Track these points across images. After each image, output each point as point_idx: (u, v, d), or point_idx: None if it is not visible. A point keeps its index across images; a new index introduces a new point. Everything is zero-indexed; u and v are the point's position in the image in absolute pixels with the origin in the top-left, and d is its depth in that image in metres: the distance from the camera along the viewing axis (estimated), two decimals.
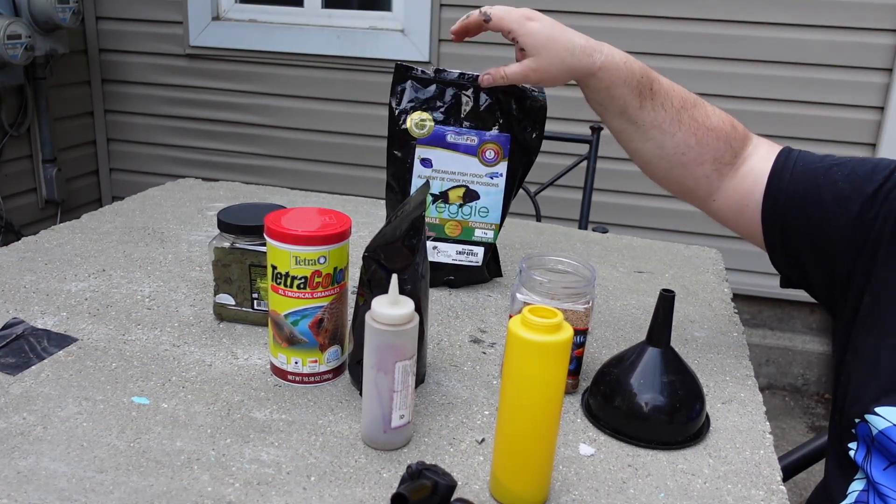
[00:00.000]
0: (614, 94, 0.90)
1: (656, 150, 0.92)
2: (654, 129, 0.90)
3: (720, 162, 0.91)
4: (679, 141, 0.90)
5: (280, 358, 0.86)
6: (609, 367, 0.85)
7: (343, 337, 0.88)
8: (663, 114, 0.90)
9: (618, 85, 0.89)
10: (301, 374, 0.86)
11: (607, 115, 0.93)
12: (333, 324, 0.85)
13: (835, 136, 2.55)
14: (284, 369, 0.86)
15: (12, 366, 0.87)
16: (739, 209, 0.91)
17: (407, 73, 1.11)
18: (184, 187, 1.61)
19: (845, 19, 2.45)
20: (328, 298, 0.83)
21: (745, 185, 0.90)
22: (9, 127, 2.80)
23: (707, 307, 1.17)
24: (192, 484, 0.69)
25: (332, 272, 0.82)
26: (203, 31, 3.01)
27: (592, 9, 2.60)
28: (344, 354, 0.89)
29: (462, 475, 0.73)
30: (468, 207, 1.13)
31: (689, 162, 0.91)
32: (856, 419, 0.81)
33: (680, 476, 0.75)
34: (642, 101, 0.90)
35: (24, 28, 2.57)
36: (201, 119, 3.14)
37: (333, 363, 0.87)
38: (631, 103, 0.90)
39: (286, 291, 0.82)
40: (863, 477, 0.81)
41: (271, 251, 0.82)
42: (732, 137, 0.91)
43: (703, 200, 0.94)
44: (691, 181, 0.92)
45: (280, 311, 0.83)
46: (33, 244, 1.23)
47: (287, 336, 0.84)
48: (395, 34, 2.84)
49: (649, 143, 0.91)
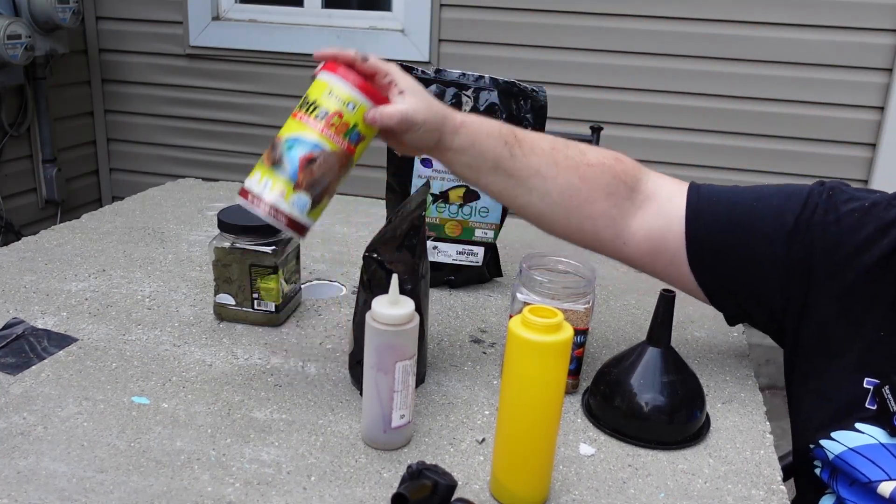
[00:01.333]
0: (481, 148, 0.83)
1: (543, 199, 0.85)
2: (533, 176, 0.84)
3: (615, 197, 0.86)
4: (562, 183, 0.85)
5: (254, 177, 0.79)
6: (609, 367, 0.85)
7: (320, 203, 0.80)
8: (536, 159, 0.84)
9: (482, 138, 0.83)
10: (260, 199, 0.78)
11: (481, 175, 0.85)
12: (320, 175, 0.78)
13: (835, 136, 2.55)
14: (250, 190, 0.79)
15: (12, 366, 0.87)
16: (655, 252, 0.87)
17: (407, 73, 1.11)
18: (184, 187, 1.61)
19: (845, 19, 2.44)
20: (333, 146, 0.78)
21: (658, 227, 0.86)
22: (9, 127, 2.80)
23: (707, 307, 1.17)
24: (193, 484, 0.69)
25: (351, 125, 0.78)
26: (203, 31, 3.01)
27: (592, 9, 2.60)
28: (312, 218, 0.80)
29: (462, 475, 0.73)
30: (468, 207, 1.13)
31: (582, 203, 0.85)
32: (810, 445, 0.81)
33: (680, 476, 0.75)
34: (511, 150, 0.84)
35: (24, 28, 2.57)
36: (201, 119, 3.14)
37: (294, 211, 0.78)
38: (501, 154, 0.83)
39: (302, 116, 0.79)
40: (832, 492, 0.82)
41: (313, 84, 0.80)
42: (619, 171, 0.86)
43: (613, 245, 0.89)
44: (590, 224, 0.87)
45: (283, 135, 0.79)
46: (33, 244, 1.23)
47: (276, 156, 0.78)
48: (395, 34, 2.84)
49: (533, 193, 0.85)
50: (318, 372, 0.90)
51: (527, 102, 1.10)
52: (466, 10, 2.73)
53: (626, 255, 0.90)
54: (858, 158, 2.56)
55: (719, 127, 2.58)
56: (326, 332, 1.00)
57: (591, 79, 2.63)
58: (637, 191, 0.87)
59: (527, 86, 1.10)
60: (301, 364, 0.91)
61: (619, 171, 0.86)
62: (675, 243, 0.85)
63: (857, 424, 0.77)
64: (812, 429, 0.81)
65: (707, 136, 2.60)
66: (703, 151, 2.61)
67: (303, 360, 0.93)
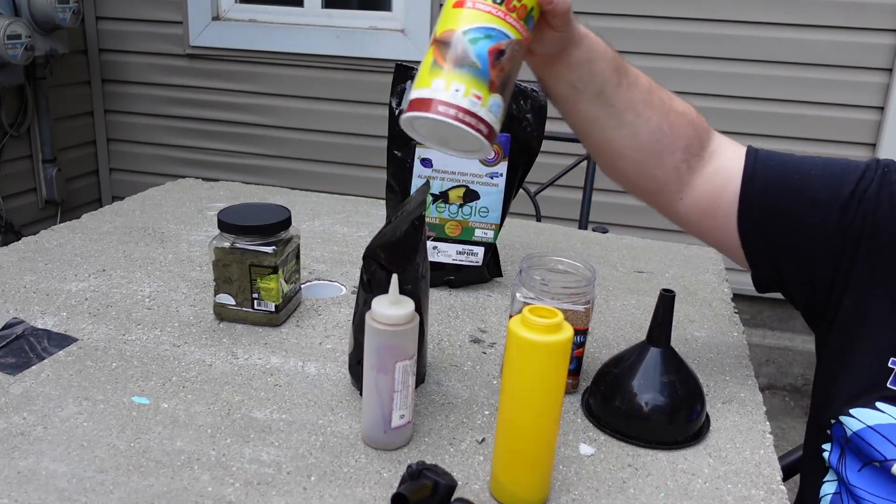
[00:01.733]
0: (594, 69, 0.78)
1: (631, 138, 0.82)
2: (630, 111, 0.81)
3: (689, 152, 0.84)
4: (654, 126, 0.82)
5: (435, 84, 0.65)
6: (609, 367, 0.85)
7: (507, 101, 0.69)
8: (637, 93, 0.81)
9: (599, 57, 0.78)
10: (458, 107, 0.65)
11: (581, 99, 0.80)
12: (510, 68, 0.67)
13: (835, 136, 2.55)
14: (435, 98, 0.65)
15: (12, 366, 0.87)
16: (709, 211, 0.86)
17: (407, 73, 1.11)
18: (184, 187, 1.61)
19: (845, 19, 2.45)
20: (516, 34, 0.67)
21: (715, 184, 0.85)
22: (9, 127, 2.80)
23: (707, 307, 1.17)
24: (193, 484, 0.69)
25: (529, 9, 0.68)
26: (203, 31, 3.01)
27: (593, 9, 2.60)
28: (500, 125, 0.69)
29: (462, 475, 0.73)
30: (468, 207, 1.13)
31: (663, 150, 0.83)
32: (831, 420, 0.81)
33: (680, 476, 0.75)
34: (619, 78, 0.80)
35: (24, 28, 2.57)
36: (201, 119, 3.14)
37: (493, 117, 0.67)
38: (610, 80, 0.79)
39: (476, 3, 0.66)
40: (834, 479, 0.82)
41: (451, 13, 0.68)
42: (698, 125, 0.85)
43: (671, 199, 0.87)
44: (662, 175, 0.85)
45: (458, 27, 0.66)
46: (33, 244, 1.23)
47: (458, 55, 0.65)
48: (395, 34, 2.84)
49: (624, 129, 0.82)
50: (318, 372, 0.90)
51: (527, 102, 1.10)
52: None
53: (676, 211, 0.88)
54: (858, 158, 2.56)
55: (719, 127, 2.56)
56: (326, 332, 1.00)
57: None
58: (706, 147, 0.86)
59: (527, 86, 1.10)
60: (301, 364, 0.91)
61: (697, 125, 0.85)
62: (728, 202, 0.84)
63: (877, 403, 0.77)
64: (834, 405, 0.80)
65: None
66: None
67: (303, 360, 0.93)
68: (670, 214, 0.90)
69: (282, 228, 0.97)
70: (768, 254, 0.85)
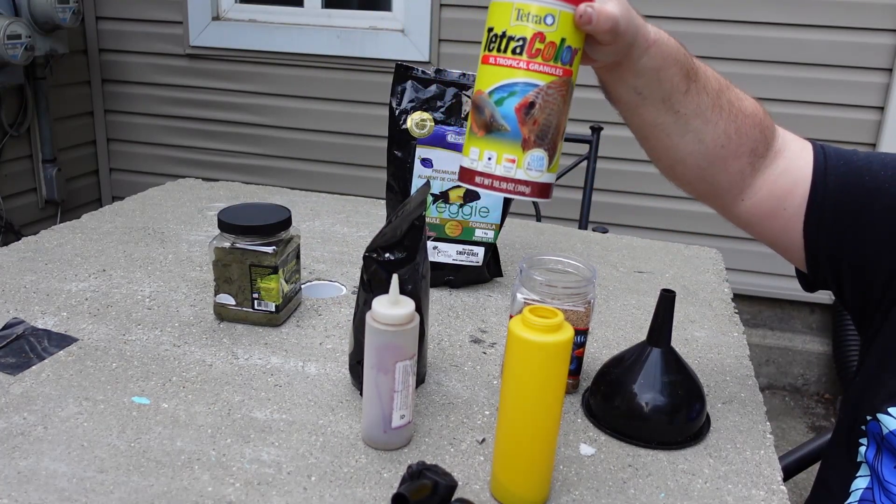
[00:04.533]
0: (662, 76, 0.74)
1: (695, 144, 0.78)
2: (697, 117, 0.77)
3: (755, 154, 0.80)
4: (720, 131, 0.78)
5: (472, 154, 0.67)
6: (609, 367, 0.85)
7: (556, 144, 0.67)
8: (706, 99, 0.77)
9: (669, 64, 0.74)
10: (492, 176, 0.66)
11: (645, 105, 0.76)
12: (546, 116, 0.66)
13: (835, 136, 2.55)
14: (473, 169, 0.67)
15: (12, 366, 0.87)
16: (773, 212, 0.82)
17: (407, 73, 1.11)
18: (184, 187, 1.61)
19: (845, 19, 2.44)
20: (546, 78, 0.65)
21: (782, 186, 0.81)
22: (9, 127, 2.80)
23: (707, 307, 1.17)
24: (193, 484, 0.69)
25: (559, 43, 0.64)
26: (203, 31, 3.01)
27: None
28: (553, 172, 0.68)
29: (462, 475, 0.73)
30: (468, 207, 1.13)
31: (728, 155, 0.79)
32: (867, 416, 0.80)
33: (680, 476, 0.75)
34: (688, 83, 0.76)
35: (24, 28, 2.57)
36: (201, 119, 3.14)
37: (534, 173, 0.66)
38: (678, 87, 0.75)
39: (497, 58, 0.65)
40: (867, 474, 0.81)
41: (492, 10, 0.67)
42: (766, 126, 0.81)
43: (732, 201, 0.84)
44: (725, 179, 0.81)
45: (485, 87, 0.66)
46: (33, 244, 1.23)
47: (486, 120, 0.66)
48: (395, 34, 2.84)
49: (688, 135, 0.78)
50: (318, 372, 0.90)
51: None
52: (466, 10, 2.73)
53: (738, 212, 0.84)
54: None
55: None
56: (326, 332, 1.00)
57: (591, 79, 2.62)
58: (771, 147, 0.82)
59: None
60: (301, 364, 0.91)
61: (765, 125, 0.81)
62: (795, 203, 0.81)
63: None
64: (872, 403, 0.80)
65: None
66: None
67: (303, 360, 0.93)
68: (729, 216, 0.86)
69: (282, 228, 0.97)
70: (832, 254, 0.82)
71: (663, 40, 0.73)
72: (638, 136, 0.82)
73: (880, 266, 0.79)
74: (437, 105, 1.10)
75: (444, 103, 1.10)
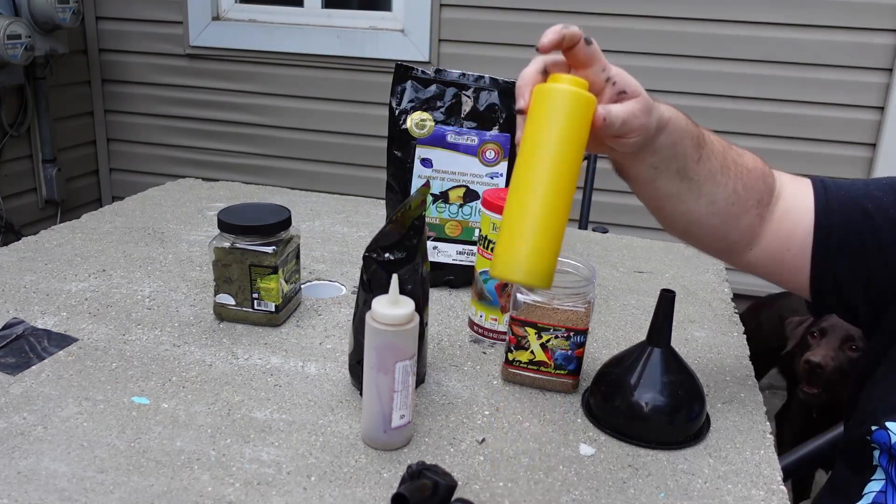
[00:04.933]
0: (678, 150, 0.77)
1: (708, 206, 0.81)
2: (708, 181, 0.80)
3: (762, 204, 0.83)
4: (729, 190, 0.81)
5: (471, 310, 1.00)
6: (609, 367, 0.85)
7: None
8: (715, 162, 0.80)
9: (683, 138, 0.76)
10: (483, 328, 0.99)
11: (660, 177, 0.79)
12: None
13: (835, 136, 2.55)
14: (473, 320, 1.00)
15: (12, 366, 0.87)
16: (780, 254, 0.85)
17: (407, 73, 1.11)
18: (184, 187, 1.61)
19: (845, 19, 2.45)
20: None
21: (785, 227, 0.83)
22: (9, 127, 2.80)
23: (707, 307, 1.17)
24: (193, 484, 0.69)
25: None
26: (203, 31, 3.01)
27: (593, 9, 2.60)
28: None
29: (462, 475, 0.73)
30: (468, 207, 1.13)
31: (739, 211, 0.82)
32: (873, 427, 0.80)
33: (680, 476, 0.75)
34: (700, 151, 0.78)
35: (24, 28, 2.57)
36: (201, 119, 3.14)
37: None
38: (691, 156, 0.78)
39: (483, 252, 0.95)
40: (882, 478, 0.81)
41: (483, 219, 0.96)
42: (766, 175, 0.84)
43: (742, 252, 0.86)
44: (737, 233, 0.84)
45: (478, 269, 0.96)
46: (33, 244, 1.23)
47: (479, 291, 0.97)
48: (395, 34, 2.84)
49: (702, 199, 0.81)
50: (318, 372, 0.90)
51: None
52: (466, 10, 2.74)
53: (747, 261, 0.87)
54: (858, 158, 2.56)
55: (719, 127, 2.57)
56: (326, 332, 1.00)
57: None
58: (772, 193, 0.84)
59: None
60: (301, 364, 0.91)
61: (766, 175, 0.84)
62: (799, 241, 0.83)
63: None
64: (881, 411, 0.80)
65: None
66: None
67: (303, 360, 0.93)
68: (738, 264, 0.88)
69: (282, 228, 0.97)
70: (840, 282, 0.83)
71: (675, 116, 0.76)
72: (651, 207, 0.85)
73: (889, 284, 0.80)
74: (436, 105, 1.10)
75: (443, 103, 1.10)
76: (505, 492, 0.71)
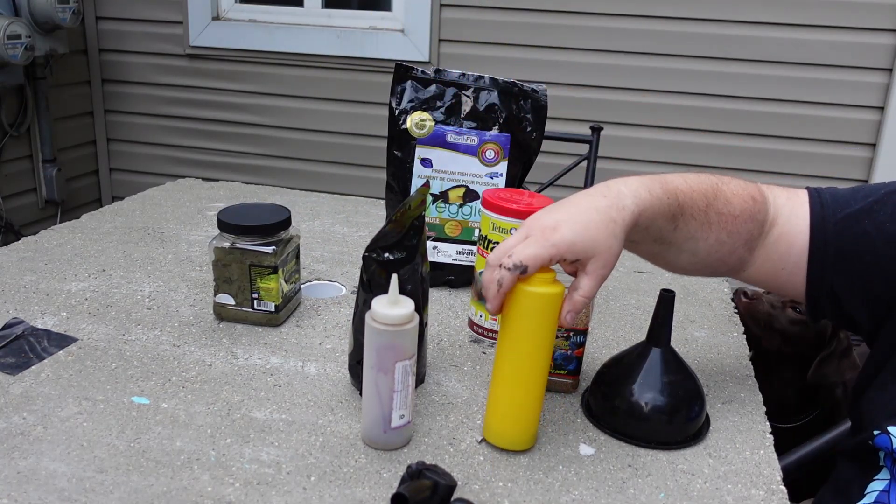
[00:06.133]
0: (651, 231, 0.80)
1: (691, 258, 0.86)
2: (688, 241, 0.83)
3: (750, 244, 0.86)
4: (712, 241, 0.84)
5: (471, 310, 1.02)
6: (609, 367, 0.85)
7: None
8: (694, 224, 0.82)
9: (656, 218, 0.79)
10: (483, 328, 1.00)
11: (639, 247, 0.85)
12: None
13: (835, 136, 2.55)
14: (473, 320, 1.01)
15: (12, 366, 0.87)
16: (774, 273, 0.88)
17: (407, 73, 1.11)
18: (184, 187, 1.61)
19: (845, 19, 2.44)
20: None
21: (779, 251, 0.86)
22: (9, 127, 2.80)
23: (707, 307, 1.17)
24: (192, 484, 0.69)
25: None
26: (203, 31, 3.01)
27: (592, 9, 2.60)
28: None
29: (462, 475, 0.73)
30: (468, 207, 1.13)
31: (724, 254, 0.85)
32: (875, 431, 0.81)
33: (680, 476, 0.75)
34: (675, 222, 0.81)
35: (24, 28, 2.57)
36: (201, 119, 3.14)
37: None
38: (665, 228, 0.81)
39: (483, 252, 0.97)
40: (885, 478, 0.81)
41: (483, 219, 0.97)
42: (757, 212, 0.85)
43: (733, 272, 0.90)
44: (725, 267, 0.88)
45: (478, 269, 0.98)
46: (33, 244, 1.23)
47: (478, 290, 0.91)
48: (395, 34, 2.84)
49: (683, 254, 0.85)
50: (318, 372, 0.90)
51: (527, 102, 1.10)
52: (466, 10, 2.73)
53: (742, 279, 0.91)
54: (858, 158, 2.56)
55: (719, 127, 2.58)
56: (326, 332, 1.00)
57: (591, 79, 2.63)
58: (765, 225, 0.86)
59: (527, 86, 1.10)
60: (301, 364, 0.91)
61: (756, 213, 0.85)
62: (792, 260, 0.85)
63: None
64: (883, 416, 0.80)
65: (707, 136, 2.60)
66: (702, 151, 2.61)
67: (303, 360, 0.93)
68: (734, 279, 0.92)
69: (282, 228, 0.97)
70: (837, 294, 0.84)
71: (645, 205, 0.76)
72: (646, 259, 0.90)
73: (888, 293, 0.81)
74: (436, 105, 1.10)
75: (443, 103, 1.10)
76: (505, 492, 0.71)
